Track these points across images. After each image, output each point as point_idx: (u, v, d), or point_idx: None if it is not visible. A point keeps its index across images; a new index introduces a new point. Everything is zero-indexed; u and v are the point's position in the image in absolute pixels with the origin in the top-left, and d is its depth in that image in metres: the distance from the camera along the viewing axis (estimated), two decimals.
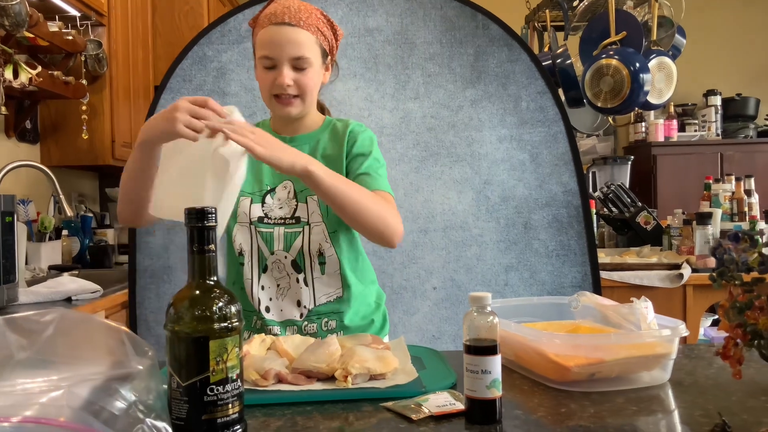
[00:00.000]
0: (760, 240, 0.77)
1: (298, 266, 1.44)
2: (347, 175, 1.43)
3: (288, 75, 1.36)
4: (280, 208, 1.44)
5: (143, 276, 2.00)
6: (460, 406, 0.92)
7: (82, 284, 2.21)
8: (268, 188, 1.46)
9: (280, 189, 1.45)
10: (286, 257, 1.43)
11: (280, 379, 1.06)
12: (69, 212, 2.48)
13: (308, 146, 1.47)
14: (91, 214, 3.32)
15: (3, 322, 0.78)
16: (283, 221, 1.44)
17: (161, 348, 0.85)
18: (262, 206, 1.45)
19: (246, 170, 1.28)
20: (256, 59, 1.42)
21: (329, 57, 1.46)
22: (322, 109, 1.58)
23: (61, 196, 2.45)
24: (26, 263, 2.59)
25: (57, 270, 2.69)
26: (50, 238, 2.80)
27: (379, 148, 1.50)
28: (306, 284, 1.44)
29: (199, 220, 0.84)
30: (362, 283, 1.51)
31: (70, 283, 2.20)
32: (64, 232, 3.04)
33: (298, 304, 1.44)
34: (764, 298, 0.69)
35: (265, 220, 1.44)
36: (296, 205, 1.44)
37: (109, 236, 3.30)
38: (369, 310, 1.52)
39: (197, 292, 0.83)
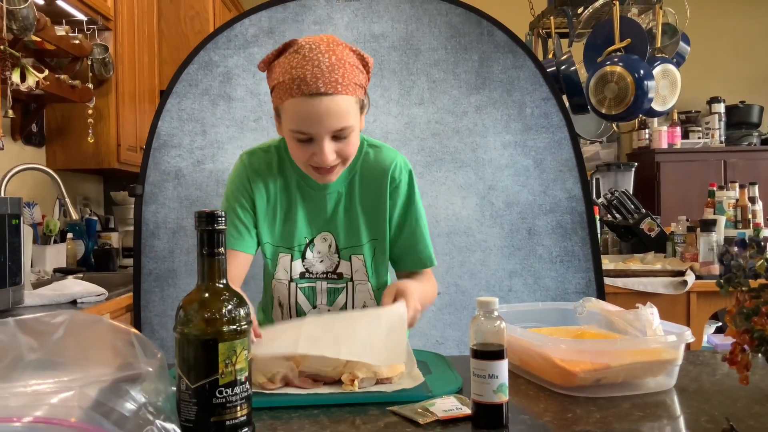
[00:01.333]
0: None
1: None
2: (390, 237, 1.36)
3: (330, 151, 1.20)
4: (321, 261, 1.35)
5: (148, 279, 2.00)
6: (467, 410, 0.93)
7: (87, 287, 2.22)
8: (307, 240, 1.36)
9: (319, 241, 1.35)
10: (328, 311, 1.36)
11: (287, 383, 1.07)
12: (74, 215, 2.49)
13: (344, 189, 1.34)
14: (95, 218, 3.33)
15: (14, 323, 0.78)
16: (325, 275, 1.35)
17: (166, 350, 0.86)
18: (303, 261, 1.35)
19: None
20: (282, 123, 1.24)
21: (365, 100, 1.28)
22: None
23: (67, 200, 2.46)
24: (31, 266, 2.60)
25: (62, 273, 2.70)
26: (55, 241, 2.81)
27: (416, 184, 1.40)
28: None
29: (209, 223, 0.84)
30: None
31: (75, 286, 2.20)
32: (69, 235, 3.05)
33: None
34: None
35: (307, 275, 1.36)
36: (338, 261, 1.35)
37: (114, 239, 3.31)
38: None
39: (207, 294, 0.84)
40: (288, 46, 1.21)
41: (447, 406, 0.94)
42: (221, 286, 0.85)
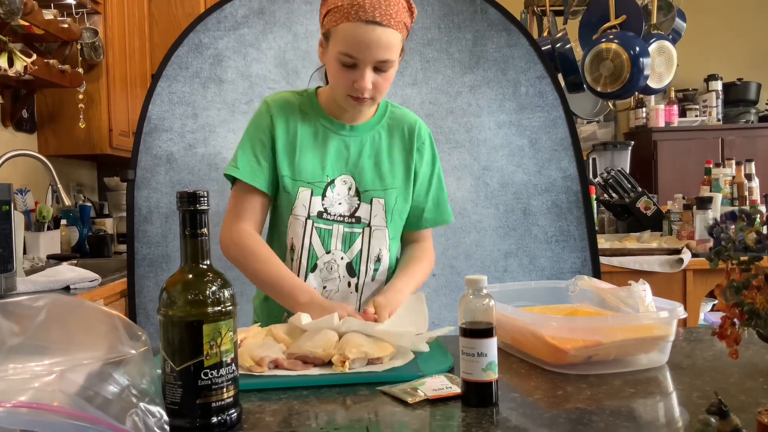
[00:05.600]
0: (757, 219, 0.76)
1: (353, 270, 1.37)
2: (415, 193, 1.42)
3: (369, 79, 1.26)
4: (340, 203, 1.36)
5: (142, 265, 1.99)
6: (456, 389, 0.92)
7: (80, 273, 2.21)
8: (328, 179, 1.37)
9: (340, 183, 1.37)
10: (342, 258, 1.36)
11: (276, 365, 1.06)
12: (67, 202, 2.47)
13: (369, 137, 1.40)
14: (89, 204, 3.32)
15: None
16: (342, 219, 1.36)
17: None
18: (323, 199, 1.36)
19: None
20: (330, 47, 1.29)
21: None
22: None
23: (59, 186, 2.44)
24: (25, 253, 2.59)
25: (56, 259, 2.69)
26: (49, 228, 2.80)
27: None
28: (356, 289, 1.37)
29: (191, 203, 0.83)
30: None
31: (68, 272, 2.19)
32: (63, 221, 3.04)
33: None
34: (761, 277, 0.68)
35: (324, 215, 1.36)
36: (358, 204, 1.37)
37: (108, 225, 3.30)
38: None
39: (190, 276, 0.83)
40: None
41: (436, 385, 0.94)
42: (205, 267, 0.84)
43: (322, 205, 1.36)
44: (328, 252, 1.36)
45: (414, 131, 1.42)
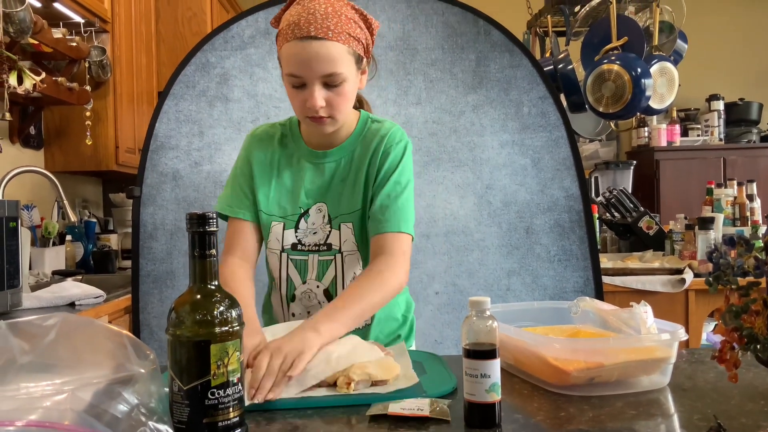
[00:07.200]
0: (758, 243, 0.78)
1: (330, 296, 1.36)
2: (372, 196, 1.33)
3: (319, 96, 1.23)
4: (314, 233, 1.34)
5: (146, 281, 2.00)
6: (424, 412, 0.91)
7: (85, 289, 2.22)
8: (302, 210, 1.36)
9: (314, 211, 1.35)
10: (318, 287, 1.36)
11: None
12: (73, 218, 2.50)
13: (343, 160, 1.36)
14: (94, 220, 3.34)
15: (6, 326, 0.79)
16: (317, 248, 1.35)
17: (164, 352, 0.86)
18: (296, 231, 1.35)
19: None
20: (282, 72, 1.29)
21: (365, 59, 1.31)
22: (360, 102, 1.46)
23: (65, 202, 2.46)
24: (30, 268, 2.61)
25: (61, 275, 2.70)
26: (54, 244, 2.81)
27: (410, 158, 1.37)
28: None
29: (200, 225, 0.84)
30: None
31: (73, 288, 2.21)
32: (68, 237, 3.05)
33: None
34: (760, 301, 0.69)
35: (299, 246, 1.35)
36: (330, 231, 1.35)
37: (113, 241, 3.31)
38: (396, 325, 1.45)
39: (198, 296, 0.84)
40: (293, 0, 1.28)
41: (409, 405, 0.94)
42: (213, 287, 0.85)
43: (296, 236, 1.35)
44: (304, 282, 1.36)
45: (383, 141, 1.34)
